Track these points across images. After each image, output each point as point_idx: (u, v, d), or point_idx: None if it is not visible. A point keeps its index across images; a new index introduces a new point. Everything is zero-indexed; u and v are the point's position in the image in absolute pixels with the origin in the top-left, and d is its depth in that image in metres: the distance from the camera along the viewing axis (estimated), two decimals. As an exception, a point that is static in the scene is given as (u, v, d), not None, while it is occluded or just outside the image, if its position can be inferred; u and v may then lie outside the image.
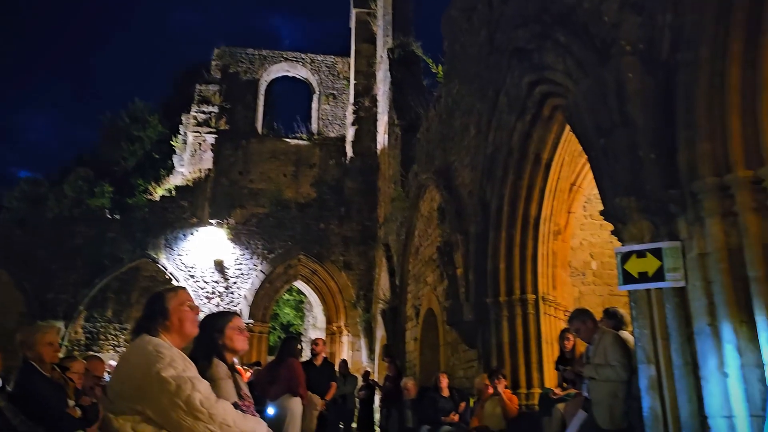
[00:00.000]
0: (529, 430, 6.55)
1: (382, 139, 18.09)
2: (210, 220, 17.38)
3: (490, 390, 7.11)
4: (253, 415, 3.11)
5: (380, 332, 15.78)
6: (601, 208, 5.17)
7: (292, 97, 30.69)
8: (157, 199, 17.77)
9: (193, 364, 2.77)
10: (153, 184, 18.99)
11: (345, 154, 19.61)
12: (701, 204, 4.29)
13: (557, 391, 6.36)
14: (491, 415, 6.94)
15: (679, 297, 4.38)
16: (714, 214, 4.22)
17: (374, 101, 19.10)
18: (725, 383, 3.98)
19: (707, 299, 4.18)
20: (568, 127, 6.55)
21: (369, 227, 18.03)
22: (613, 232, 5.05)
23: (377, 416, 12.60)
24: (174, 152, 19.80)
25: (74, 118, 76.10)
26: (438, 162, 11.13)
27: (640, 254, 4.52)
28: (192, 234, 17.17)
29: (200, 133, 18.49)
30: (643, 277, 4.49)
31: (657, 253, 4.46)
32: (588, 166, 5.88)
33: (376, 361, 16.20)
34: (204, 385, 2.64)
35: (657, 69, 4.75)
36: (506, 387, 7.17)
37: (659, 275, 4.42)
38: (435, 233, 10.91)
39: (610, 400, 4.87)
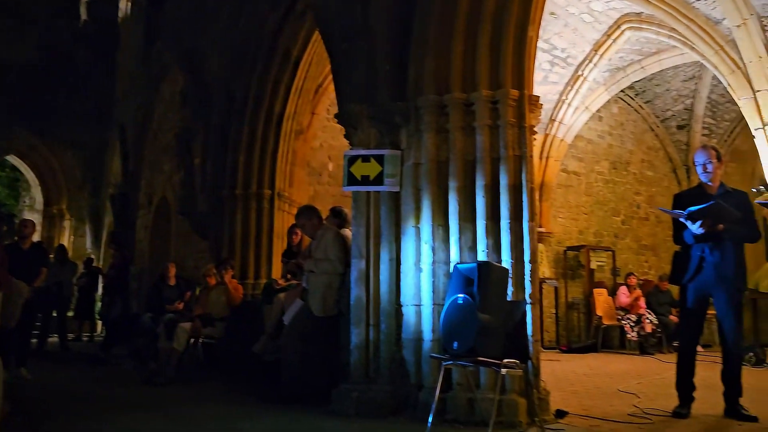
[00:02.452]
0: (251, 317, 6.84)
1: (124, 6, 16.15)
2: None
3: (213, 280, 7.22)
4: None
5: (108, 219, 14.77)
6: (344, 112, 5.36)
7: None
8: None
9: None
10: None
11: (79, 16, 17.14)
12: (422, 118, 4.70)
13: (281, 281, 6.69)
14: (215, 303, 7.07)
15: (393, 201, 4.83)
16: (430, 129, 4.66)
17: (118, -40, 16.83)
18: (419, 277, 4.58)
19: (415, 204, 4.69)
20: (319, 27, 6.55)
21: (103, 104, 16.26)
22: (345, 136, 5.30)
23: (99, 305, 11.99)
24: None
25: None
26: (186, 43, 10.35)
27: (365, 159, 4.85)
28: None
29: None
30: (365, 180, 4.85)
31: (380, 160, 4.83)
32: (333, 69, 5.98)
33: (102, 249, 15.23)
34: None
35: (403, -17, 4.94)
36: (233, 277, 7.33)
37: (379, 180, 4.82)
38: (176, 118, 10.31)
39: (325, 290, 5.27)
